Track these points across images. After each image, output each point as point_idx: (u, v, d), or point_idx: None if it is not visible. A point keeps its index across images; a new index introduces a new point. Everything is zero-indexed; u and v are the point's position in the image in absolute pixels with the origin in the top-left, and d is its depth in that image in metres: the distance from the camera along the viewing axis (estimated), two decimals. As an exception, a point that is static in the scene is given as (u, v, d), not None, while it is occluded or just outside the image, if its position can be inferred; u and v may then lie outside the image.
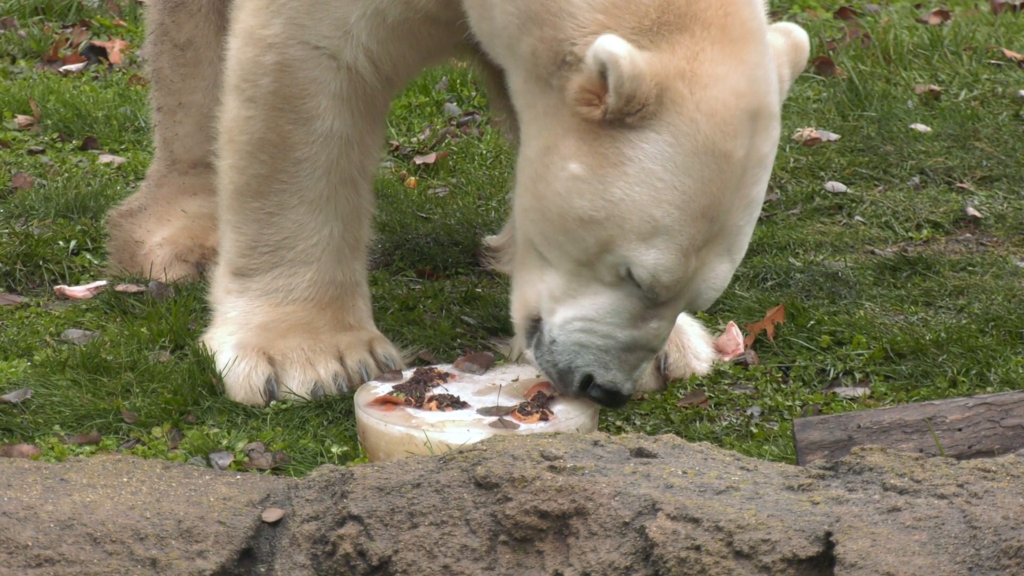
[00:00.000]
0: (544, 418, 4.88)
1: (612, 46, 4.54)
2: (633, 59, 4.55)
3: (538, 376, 5.02)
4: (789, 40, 4.90)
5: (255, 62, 5.20)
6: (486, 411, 4.92)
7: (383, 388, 5.06)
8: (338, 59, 5.13)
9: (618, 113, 4.60)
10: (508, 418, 4.88)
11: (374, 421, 4.89)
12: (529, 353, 4.94)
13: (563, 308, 4.82)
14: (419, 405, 4.96)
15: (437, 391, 5.02)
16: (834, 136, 7.50)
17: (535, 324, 4.90)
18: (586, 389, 4.85)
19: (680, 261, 4.67)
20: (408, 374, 5.13)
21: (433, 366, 5.18)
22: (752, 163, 4.68)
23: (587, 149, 4.67)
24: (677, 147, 4.61)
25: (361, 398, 5.00)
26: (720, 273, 4.77)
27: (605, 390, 4.83)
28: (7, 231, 6.43)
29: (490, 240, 6.25)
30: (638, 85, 4.56)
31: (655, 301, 4.75)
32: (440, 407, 4.94)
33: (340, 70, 5.15)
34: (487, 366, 5.17)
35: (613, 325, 4.79)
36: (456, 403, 4.96)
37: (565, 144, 4.70)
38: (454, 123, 7.95)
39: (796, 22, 9.63)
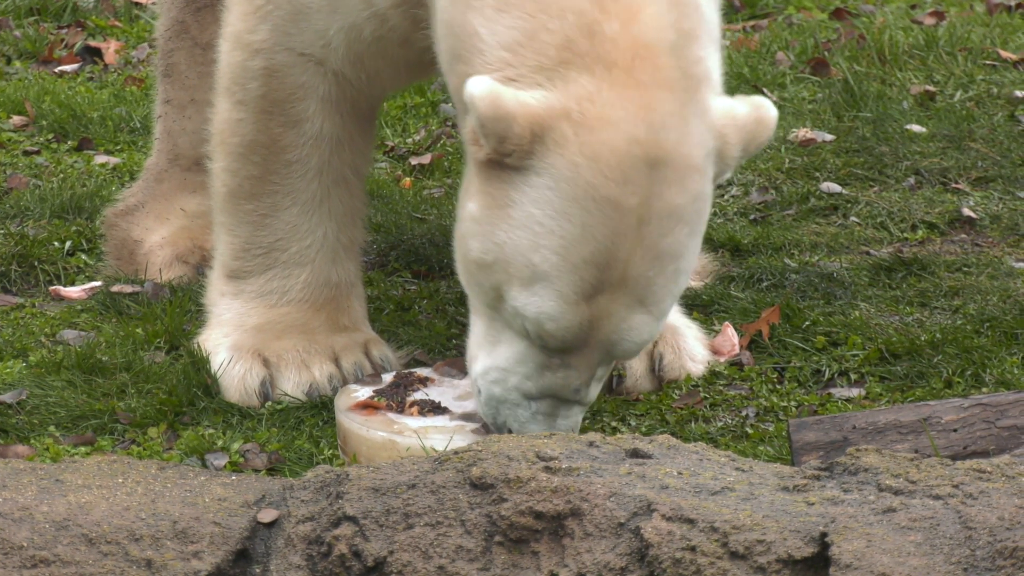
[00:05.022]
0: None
1: (473, 87, 4.41)
2: (496, 100, 4.39)
3: None
4: (754, 113, 4.66)
5: (243, 66, 5.19)
6: (467, 416, 4.89)
7: (363, 392, 5.03)
8: (324, 65, 5.12)
9: (495, 154, 4.46)
10: (491, 423, 4.86)
11: (355, 426, 4.87)
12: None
13: (483, 356, 4.70)
14: (400, 410, 4.93)
15: (417, 395, 4.99)
16: (829, 137, 7.50)
17: None
18: None
19: (563, 309, 4.49)
20: (388, 378, 5.10)
21: (412, 370, 5.16)
22: (657, 214, 4.46)
23: (482, 190, 4.54)
24: (556, 191, 4.45)
25: (341, 402, 4.98)
26: (634, 324, 4.56)
27: None
28: (2, 232, 6.42)
29: None
30: (506, 126, 4.40)
31: (555, 350, 4.59)
32: (422, 412, 4.92)
33: (327, 75, 5.13)
34: (466, 370, 5.14)
35: (521, 376, 4.64)
36: (437, 408, 4.94)
37: (470, 184, 4.59)
38: (449, 124, 7.94)
39: (792, 23, 9.66)
